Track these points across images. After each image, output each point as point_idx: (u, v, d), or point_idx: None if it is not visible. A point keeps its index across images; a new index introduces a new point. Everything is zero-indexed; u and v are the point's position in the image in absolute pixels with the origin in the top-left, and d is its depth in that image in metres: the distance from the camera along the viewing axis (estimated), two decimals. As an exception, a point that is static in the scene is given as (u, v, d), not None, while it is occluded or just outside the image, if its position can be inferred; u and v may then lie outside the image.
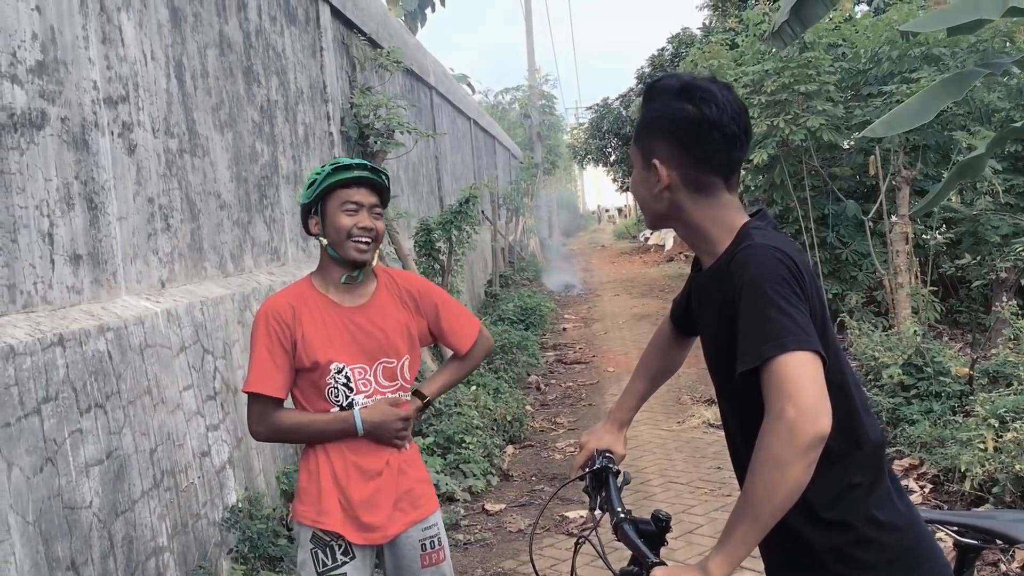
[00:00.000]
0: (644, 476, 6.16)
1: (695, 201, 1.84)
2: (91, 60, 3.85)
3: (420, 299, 2.79)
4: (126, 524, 3.47)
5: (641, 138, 1.88)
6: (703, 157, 1.81)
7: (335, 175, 2.62)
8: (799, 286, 1.68)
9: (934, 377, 6.07)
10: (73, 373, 3.27)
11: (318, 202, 2.66)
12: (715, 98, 1.80)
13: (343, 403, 2.63)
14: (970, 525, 2.19)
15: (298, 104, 6.79)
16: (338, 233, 2.61)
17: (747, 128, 1.84)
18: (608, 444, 2.32)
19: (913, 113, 6.61)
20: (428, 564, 2.71)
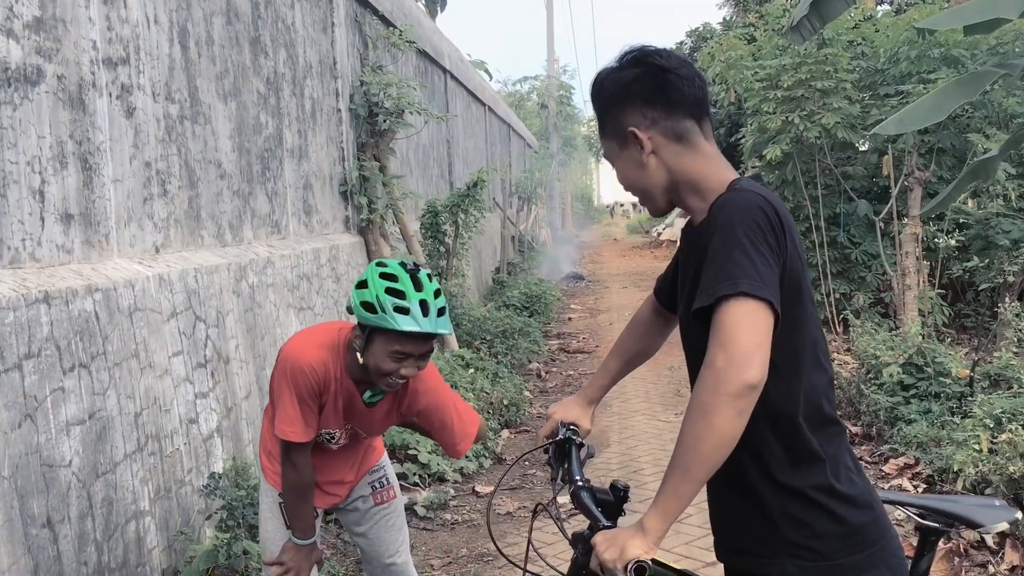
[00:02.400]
0: (637, 465, 6.13)
1: (681, 155, 1.82)
2: (91, 19, 3.83)
3: (419, 415, 2.80)
4: (107, 486, 3.46)
5: (608, 124, 1.89)
6: (670, 102, 1.81)
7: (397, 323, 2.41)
8: (774, 237, 1.64)
9: (934, 377, 6.01)
10: (58, 331, 3.26)
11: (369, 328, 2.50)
12: (655, 51, 1.85)
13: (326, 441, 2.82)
14: (932, 508, 2.18)
15: (306, 78, 6.76)
16: (377, 371, 2.52)
17: (697, 72, 1.85)
18: (574, 417, 2.33)
19: (925, 112, 6.53)
20: (380, 502, 2.98)
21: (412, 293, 2.43)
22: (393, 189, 8.01)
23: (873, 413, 6.22)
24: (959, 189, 7.07)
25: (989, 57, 9.61)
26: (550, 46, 34.87)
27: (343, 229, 7.50)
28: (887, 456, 5.79)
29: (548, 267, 20.12)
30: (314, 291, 6.33)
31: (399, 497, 3.08)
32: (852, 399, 6.81)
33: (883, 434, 6.08)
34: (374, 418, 2.79)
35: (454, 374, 6.86)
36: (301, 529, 2.79)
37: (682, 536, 4.76)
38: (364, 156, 7.84)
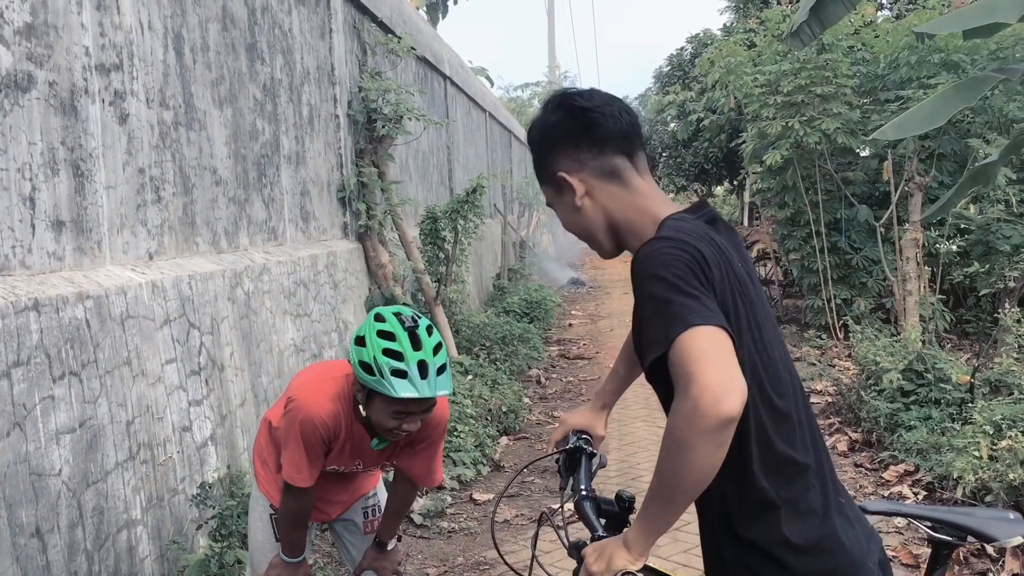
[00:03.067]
0: (637, 472, 6.10)
1: (615, 195, 1.80)
2: (83, 25, 3.81)
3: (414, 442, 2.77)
4: (97, 495, 3.43)
5: (542, 173, 1.87)
6: (596, 141, 1.80)
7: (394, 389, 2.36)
8: (703, 274, 1.59)
9: (934, 384, 5.98)
10: (47, 339, 3.24)
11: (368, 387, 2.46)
12: (576, 92, 1.84)
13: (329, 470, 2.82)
14: (945, 521, 2.13)
15: (304, 84, 6.74)
16: (380, 427, 2.52)
17: (623, 107, 1.82)
18: (587, 424, 2.30)
19: (925, 117, 6.51)
20: (370, 531, 3.03)
21: (410, 354, 2.36)
22: (392, 195, 7.99)
23: (873, 419, 6.19)
24: (960, 194, 7.04)
25: (989, 62, 9.59)
26: (551, 52, 34.91)
27: (341, 235, 7.48)
28: (887, 463, 5.75)
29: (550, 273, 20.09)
30: (311, 298, 6.30)
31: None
32: (852, 405, 6.78)
33: (883, 440, 6.04)
34: (381, 456, 2.83)
35: (455, 379, 6.82)
36: (291, 548, 2.80)
37: (680, 544, 4.72)
38: (362, 162, 7.82)
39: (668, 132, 23.19)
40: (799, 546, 1.66)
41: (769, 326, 1.73)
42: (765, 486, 1.66)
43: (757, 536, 1.67)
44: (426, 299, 8.52)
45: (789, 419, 1.70)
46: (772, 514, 1.66)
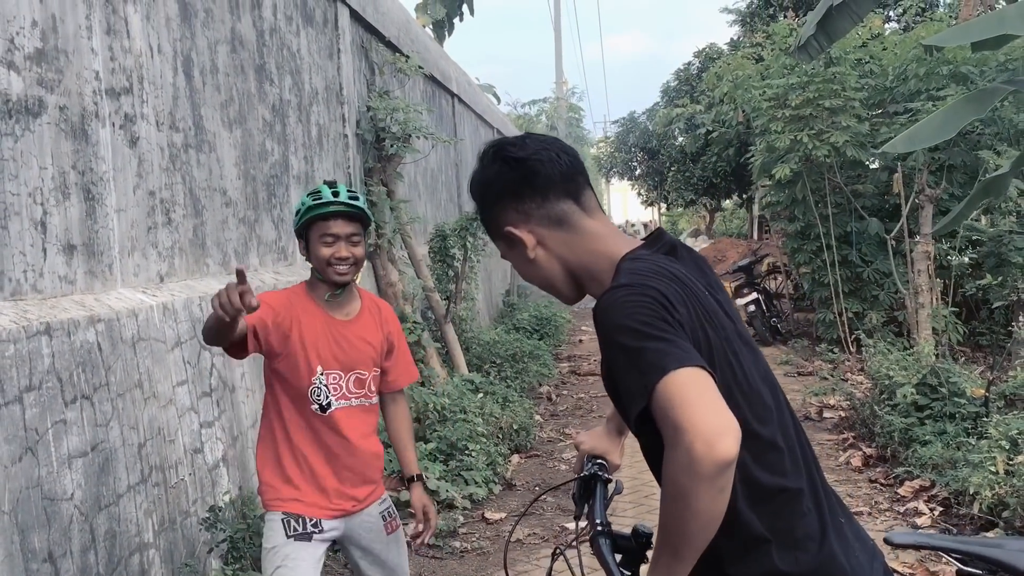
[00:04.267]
0: (648, 490, 6.06)
1: (567, 242, 1.75)
2: (93, 50, 3.83)
3: (391, 334, 3.12)
4: (109, 518, 3.43)
5: (490, 229, 1.83)
6: (538, 190, 1.75)
7: (313, 209, 2.87)
8: (668, 314, 1.52)
9: (948, 398, 5.94)
10: (59, 363, 3.24)
11: (304, 230, 2.92)
12: (511, 144, 1.79)
13: (323, 402, 2.95)
14: (975, 554, 2.06)
15: (312, 105, 6.77)
16: (318, 261, 2.89)
17: (561, 147, 1.79)
18: (603, 450, 2.19)
19: (935, 129, 6.49)
20: (391, 530, 3.11)
21: (326, 189, 2.90)
22: (401, 213, 8.00)
23: (887, 434, 6.14)
24: (971, 206, 7.01)
25: (998, 73, 9.56)
26: (559, 68, 35.01)
27: (351, 254, 7.48)
28: (902, 478, 5.71)
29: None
30: (321, 317, 6.30)
31: (401, 526, 3.22)
32: (866, 420, 6.73)
33: (898, 455, 6.00)
34: (364, 341, 3.01)
35: (463, 399, 6.81)
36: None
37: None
38: (371, 181, 7.84)
39: (676, 146, 23.18)
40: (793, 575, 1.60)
41: (746, 351, 1.67)
42: (753, 521, 1.59)
43: (749, 573, 1.61)
44: (436, 317, 8.52)
45: (775, 446, 1.63)
46: (763, 548, 1.59)
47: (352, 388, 3.01)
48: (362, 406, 3.05)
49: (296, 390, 2.94)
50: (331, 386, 2.95)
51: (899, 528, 5.00)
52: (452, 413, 6.42)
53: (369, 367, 3.04)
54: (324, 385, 2.94)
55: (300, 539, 2.88)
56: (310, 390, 2.93)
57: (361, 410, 3.05)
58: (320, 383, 2.93)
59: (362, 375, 3.03)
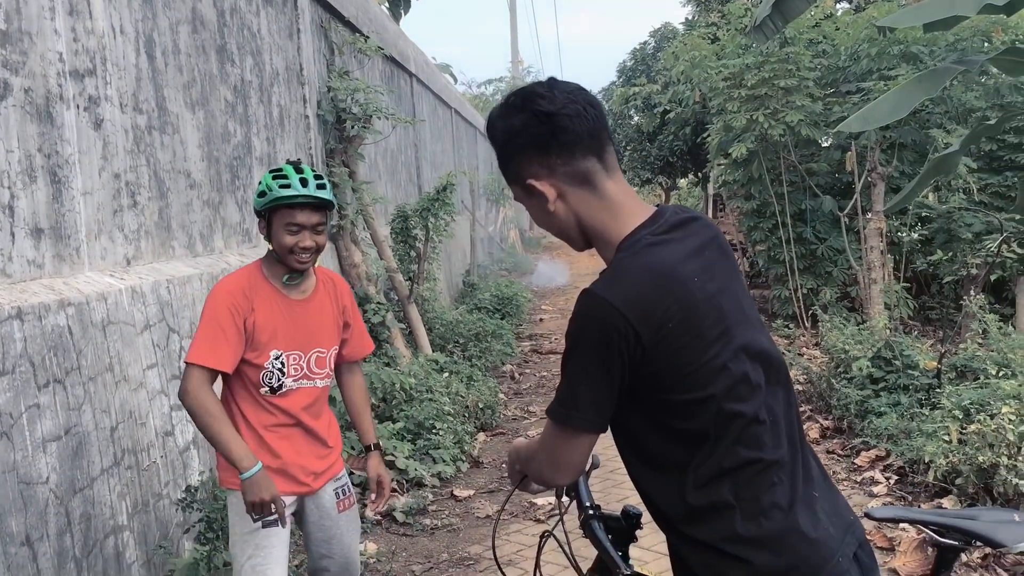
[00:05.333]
0: (614, 464, 6.16)
1: (585, 200, 1.75)
2: (57, 31, 3.79)
3: (346, 308, 3.14)
4: (84, 501, 3.43)
5: (508, 174, 1.83)
6: (563, 145, 1.72)
7: (281, 197, 2.81)
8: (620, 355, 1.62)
9: (902, 370, 6.11)
10: (31, 347, 3.23)
11: (266, 212, 2.89)
12: (539, 95, 1.75)
13: (274, 384, 2.92)
14: (950, 526, 2.11)
15: (273, 85, 6.73)
16: (280, 248, 2.87)
17: (588, 100, 1.76)
18: None
19: (888, 108, 6.63)
20: (344, 508, 3.13)
21: (293, 174, 2.85)
22: (363, 195, 7.99)
23: (844, 407, 6.31)
24: (922, 184, 7.18)
25: (948, 53, 9.77)
26: (514, 47, 34.91)
27: (313, 236, 7.46)
28: (859, 449, 5.88)
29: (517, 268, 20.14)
30: (286, 299, 6.29)
31: (356, 506, 3.26)
32: (823, 393, 6.90)
33: (854, 427, 6.17)
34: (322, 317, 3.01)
35: (428, 378, 6.85)
36: (239, 458, 2.73)
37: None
38: (333, 162, 7.82)
39: (632, 125, 23.32)
40: (754, 539, 1.64)
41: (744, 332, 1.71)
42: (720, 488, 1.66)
43: (708, 536, 1.67)
44: (399, 297, 8.54)
45: (757, 420, 1.68)
46: (727, 513, 1.65)
47: (314, 368, 2.99)
48: (323, 386, 3.05)
49: (248, 373, 2.90)
50: (291, 367, 2.92)
51: (857, 497, 5.16)
52: (419, 393, 6.46)
53: (328, 344, 3.04)
54: (277, 369, 2.90)
55: (268, 524, 2.84)
56: (262, 374, 2.90)
57: (320, 389, 3.04)
58: (273, 367, 2.90)
59: (322, 352, 3.01)
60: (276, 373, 2.91)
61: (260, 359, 2.88)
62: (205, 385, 2.78)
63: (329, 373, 3.06)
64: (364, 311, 7.47)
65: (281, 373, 2.91)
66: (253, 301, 2.87)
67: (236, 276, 2.94)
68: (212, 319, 2.82)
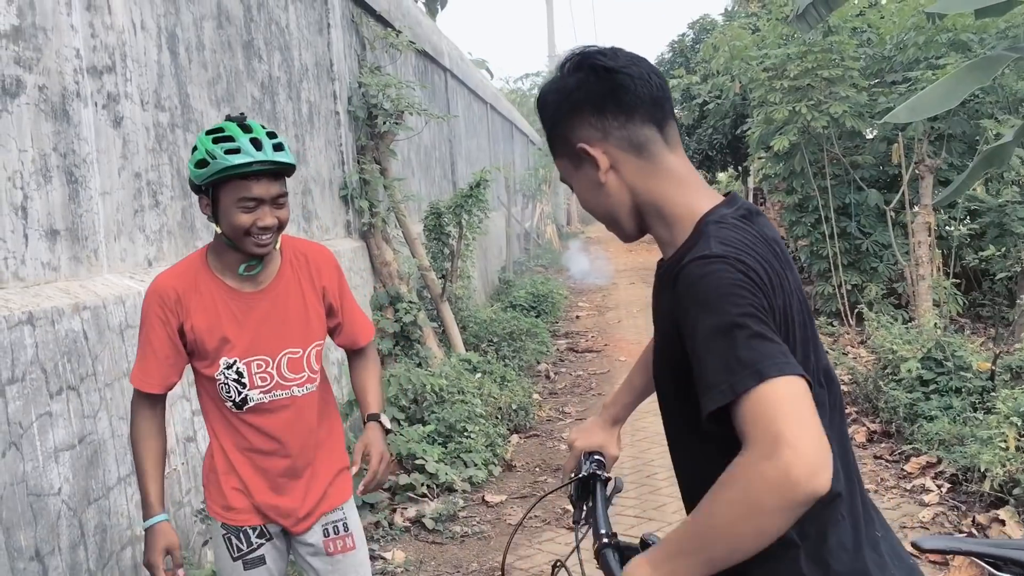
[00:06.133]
0: (651, 469, 5.98)
1: (642, 171, 1.54)
2: (73, 27, 3.69)
3: (327, 289, 2.56)
4: (99, 512, 3.33)
5: (557, 143, 1.62)
6: (623, 106, 1.53)
7: (229, 167, 2.23)
8: (767, 302, 1.38)
9: (954, 372, 5.85)
10: (43, 353, 3.12)
11: (209, 187, 2.32)
12: (599, 51, 1.57)
13: (235, 399, 2.44)
14: (1009, 558, 1.93)
15: (302, 82, 6.62)
16: (234, 230, 2.31)
17: (652, 68, 1.57)
18: (599, 444, 2.04)
19: (938, 98, 6.38)
20: (333, 551, 2.58)
21: (240, 135, 2.28)
22: (395, 192, 7.87)
23: (892, 409, 6.06)
24: (973, 176, 6.90)
25: (998, 41, 9.42)
26: (551, 41, 34.72)
27: (344, 234, 7.36)
28: (908, 455, 5.63)
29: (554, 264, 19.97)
30: (316, 299, 6.18)
31: (359, 548, 2.64)
32: (869, 395, 6.65)
33: (903, 431, 5.92)
34: (289, 309, 2.46)
35: (461, 379, 6.71)
36: (144, 502, 2.39)
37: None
38: (364, 159, 7.70)
39: (671, 119, 22.98)
40: None
41: (812, 342, 1.52)
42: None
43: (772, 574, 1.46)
44: (432, 296, 8.41)
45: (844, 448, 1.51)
46: (791, 552, 1.45)
47: (287, 374, 2.46)
48: (304, 394, 2.50)
49: (206, 386, 2.48)
50: (255, 376, 2.42)
51: (906, 506, 4.93)
52: (450, 394, 6.32)
53: (303, 341, 2.48)
54: (233, 380, 2.41)
55: (250, 566, 2.49)
56: (218, 387, 2.43)
57: (302, 399, 2.50)
58: (227, 378, 2.41)
59: (295, 353, 2.47)
60: (233, 385, 2.42)
61: (210, 370, 2.42)
62: (141, 410, 2.44)
63: (312, 377, 2.52)
64: (396, 310, 7.35)
65: (240, 384, 2.42)
66: (189, 303, 2.38)
67: (170, 272, 2.44)
68: (141, 328, 2.42)
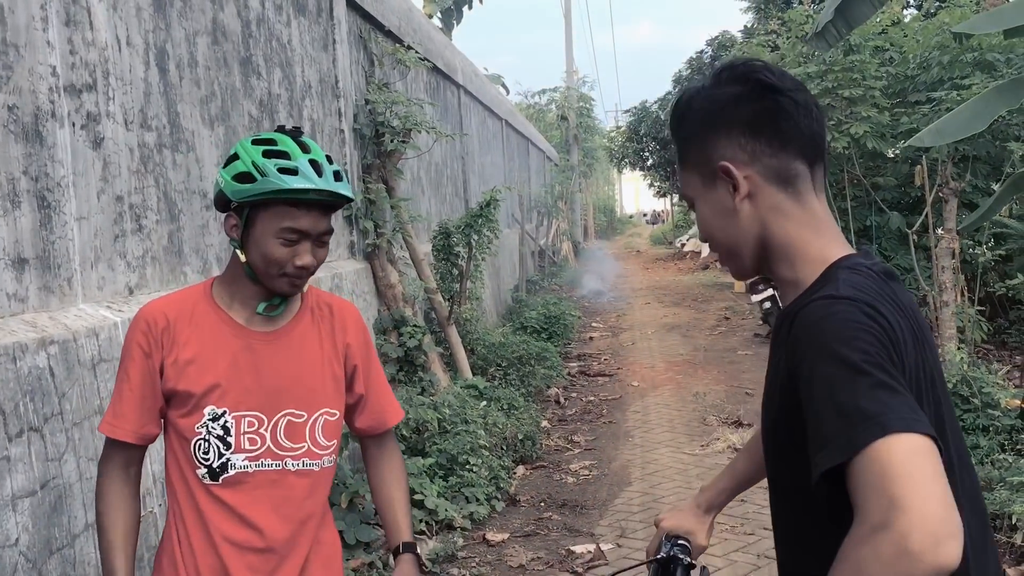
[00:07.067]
0: (661, 506, 5.72)
1: (781, 207, 1.39)
2: (50, 43, 3.49)
3: (354, 340, 2.11)
4: (63, 562, 3.10)
5: (692, 153, 1.46)
6: (780, 134, 1.38)
7: (284, 190, 1.83)
8: (896, 352, 1.21)
9: (981, 409, 5.56)
10: (2, 394, 2.91)
11: (248, 208, 1.89)
12: (764, 66, 1.42)
13: (213, 464, 1.92)
14: None
15: (305, 99, 6.42)
16: (266, 264, 1.90)
17: (814, 100, 1.42)
18: (687, 529, 1.89)
19: (965, 121, 6.14)
20: None
21: (298, 153, 1.88)
22: (401, 212, 7.66)
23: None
24: (1001, 202, 6.66)
25: (1026, 61, 9.16)
26: (569, 57, 34.55)
27: (348, 255, 7.15)
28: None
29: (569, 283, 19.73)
30: (314, 324, 5.97)
31: None
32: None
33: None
34: (301, 366, 2.01)
35: (465, 407, 6.47)
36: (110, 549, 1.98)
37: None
38: (370, 178, 7.50)
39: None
40: None
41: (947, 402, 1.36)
42: None
43: None
44: (438, 319, 8.19)
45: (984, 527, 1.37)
46: None
47: (282, 440, 1.97)
48: (300, 471, 1.99)
49: (177, 445, 1.97)
50: (244, 436, 1.93)
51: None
52: (453, 424, 6.08)
53: (310, 404, 2.00)
54: (216, 436, 1.92)
55: None
56: (193, 444, 1.93)
57: (296, 477, 1.98)
58: (209, 432, 1.92)
59: (297, 417, 1.98)
60: (215, 444, 1.92)
61: (189, 419, 1.92)
62: (111, 471, 2.00)
63: (314, 452, 2.01)
64: (400, 334, 7.13)
65: (224, 444, 1.92)
66: (179, 333, 1.94)
67: (163, 299, 2.03)
68: (121, 363, 1.98)
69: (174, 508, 2.02)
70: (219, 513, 1.94)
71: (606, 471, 6.57)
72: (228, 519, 1.94)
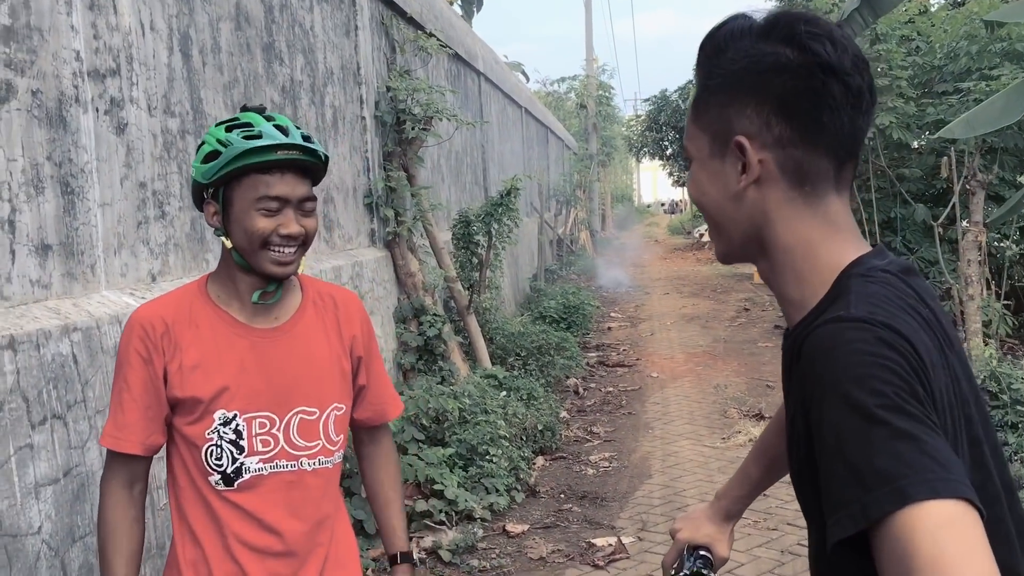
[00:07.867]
0: (683, 500, 5.67)
1: (791, 205, 1.19)
2: (74, 28, 3.46)
3: (356, 339, 2.04)
4: (85, 550, 3.09)
5: (710, 107, 1.22)
6: (815, 124, 1.15)
7: (249, 154, 1.77)
8: (923, 385, 1.01)
9: (1010, 406, 5.48)
10: (25, 381, 2.89)
11: (219, 188, 1.83)
12: (828, 32, 1.15)
13: (227, 469, 1.86)
14: None
15: (327, 85, 6.38)
16: (249, 239, 1.81)
17: (872, 85, 1.18)
18: (707, 539, 1.75)
19: (996, 113, 6.03)
20: None
21: (261, 121, 1.83)
22: (422, 200, 7.62)
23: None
24: (1032, 195, 6.53)
25: (1057, 51, 9.01)
26: (589, 45, 34.38)
27: (368, 243, 7.12)
28: None
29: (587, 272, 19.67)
30: (335, 312, 5.94)
31: None
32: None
33: None
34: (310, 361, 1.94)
35: (485, 397, 6.44)
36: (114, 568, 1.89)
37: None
38: (391, 166, 7.46)
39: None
40: None
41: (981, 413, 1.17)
42: None
43: None
44: (458, 308, 8.15)
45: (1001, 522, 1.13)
46: None
47: (296, 439, 1.91)
48: (317, 470, 1.94)
49: (185, 453, 1.91)
50: (257, 439, 1.87)
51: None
52: (472, 414, 6.05)
53: (321, 400, 1.94)
54: (229, 441, 1.86)
55: None
56: (204, 451, 1.86)
57: (313, 477, 1.93)
58: (221, 437, 1.86)
59: (310, 414, 1.92)
60: (227, 448, 1.85)
61: (198, 427, 1.85)
62: (114, 489, 1.93)
63: (328, 448, 1.95)
64: (420, 323, 7.10)
65: (237, 448, 1.86)
66: (181, 337, 1.86)
67: (156, 301, 1.94)
68: (117, 372, 1.90)
69: (181, 520, 1.95)
70: (236, 519, 1.88)
71: (626, 463, 6.53)
72: (247, 524, 1.88)
